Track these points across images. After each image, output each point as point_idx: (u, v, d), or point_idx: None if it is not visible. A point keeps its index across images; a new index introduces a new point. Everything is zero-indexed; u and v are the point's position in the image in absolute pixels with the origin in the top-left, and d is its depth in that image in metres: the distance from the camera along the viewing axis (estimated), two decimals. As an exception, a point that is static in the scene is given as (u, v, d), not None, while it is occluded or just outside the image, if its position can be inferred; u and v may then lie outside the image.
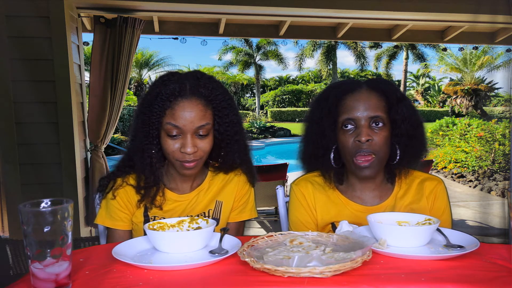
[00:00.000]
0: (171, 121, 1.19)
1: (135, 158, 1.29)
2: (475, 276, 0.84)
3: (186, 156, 1.22)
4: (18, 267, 2.17)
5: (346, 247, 0.94)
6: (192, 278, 0.84)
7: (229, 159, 1.33)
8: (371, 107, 1.22)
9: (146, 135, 1.24)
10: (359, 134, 1.21)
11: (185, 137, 1.20)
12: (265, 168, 4.47)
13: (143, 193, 1.29)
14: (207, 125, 1.22)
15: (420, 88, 36.57)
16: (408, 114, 1.26)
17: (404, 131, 1.25)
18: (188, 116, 1.19)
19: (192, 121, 1.20)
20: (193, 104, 1.20)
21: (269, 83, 39.46)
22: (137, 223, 1.31)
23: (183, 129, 1.20)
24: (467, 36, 5.00)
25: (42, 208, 0.79)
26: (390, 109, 1.25)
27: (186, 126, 1.19)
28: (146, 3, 3.43)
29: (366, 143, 1.21)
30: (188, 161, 1.23)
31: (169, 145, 1.22)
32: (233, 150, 1.31)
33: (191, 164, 1.24)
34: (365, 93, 1.25)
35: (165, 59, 27.24)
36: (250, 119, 24.44)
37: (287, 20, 4.20)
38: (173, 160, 1.25)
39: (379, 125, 1.22)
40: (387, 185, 1.34)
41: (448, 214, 1.33)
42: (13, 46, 2.90)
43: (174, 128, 1.20)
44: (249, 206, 1.43)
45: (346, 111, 1.24)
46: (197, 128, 1.21)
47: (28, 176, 3.00)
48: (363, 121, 1.22)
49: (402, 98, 1.27)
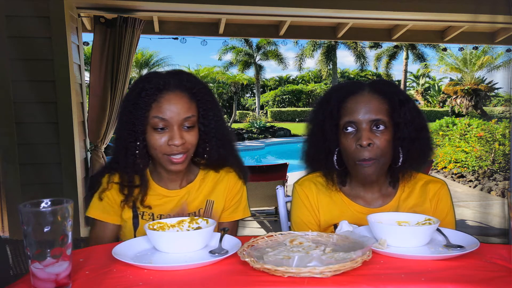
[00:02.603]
0: (158, 114, 1.21)
1: (119, 157, 1.29)
2: (475, 276, 0.83)
3: (174, 149, 1.22)
4: (18, 267, 2.17)
5: (346, 247, 0.94)
6: (192, 278, 0.84)
7: (214, 154, 1.33)
8: (373, 110, 1.21)
9: (130, 133, 1.24)
10: (360, 138, 1.20)
11: (172, 129, 1.21)
12: (265, 168, 4.46)
13: (126, 193, 1.29)
14: (192, 117, 1.24)
15: (420, 88, 36.57)
16: (411, 117, 1.24)
17: (407, 134, 1.23)
18: (174, 108, 1.21)
19: (178, 113, 1.21)
20: (178, 96, 1.23)
21: (269, 83, 39.47)
22: (126, 219, 1.31)
23: (169, 122, 1.21)
24: (467, 36, 5.00)
25: (42, 208, 0.79)
26: (392, 112, 1.23)
27: (173, 118, 1.21)
28: (146, 3, 3.43)
29: (368, 147, 1.20)
30: (176, 155, 1.23)
31: (156, 140, 1.22)
32: (217, 144, 1.32)
33: (179, 159, 1.24)
34: (366, 95, 1.24)
35: (165, 59, 27.35)
36: (250, 119, 24.46)
37: (287, 20, 4.21)
38: (160, 155, 1.24)
39: (380, 128, 1.21)
40: (391, 187, 1.34)
41: (452, 216, 1.32)
42: (13, 46, 2.90)
43: (161, 121, 1.21)
44: (242, 205, 1.42)
45: (347, 114, 1.24)
46: (183, 119, 1.22)
47: (28, 176, 3.00)
48: (364, 124, 1.21)
49: (405, 101, 1.25)
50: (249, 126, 20.74)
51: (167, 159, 1.24)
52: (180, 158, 1.24)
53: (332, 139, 1.28)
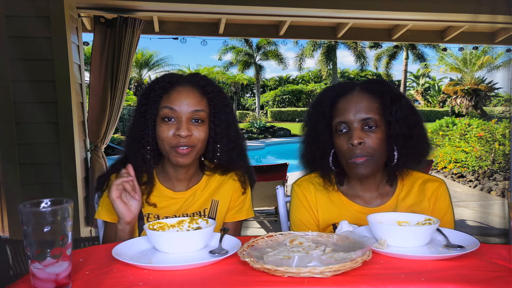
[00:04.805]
0: (167, 104, 1.24)
1: (129, 153, 1.29)
2: (475, 276, 0.83)
3: (180, 140, 1.22)
4: (18, 267, 2.17)
5: (346, 247, 0.94)
6: (192, 278, 0.84)
7: (224, 156, 1.32)
8: (363, 109, 1.22)
9: (142, 128, 1.26)
10: (351, 137, 1.21)
11: (180, 121, 1.23)
12: (265, 168, 4.46)
13: None
14: (202, 112, 1.26)
15: (420, 88, 36.57)
16: (404, 115, 1.24)
17: (399, 132, 1.23)
18: (184, 99, 1.24)
19: (187, 104, 1.23)
20: (189, 90, 1.26)
21: (269, 83, 39.48)
22: None
23: (178, 113, 1.23)
24: (467, 36, 5.00)
25: (42, 208, 0.79)
26: (384, 110, 1.23)
27: (182, 109, 1.23)
28: (146, 3, 3.43)
29: (359, 146, 1.20)
30: (182, 147, 1.23)
31: (163, 131, 1.24)
32: (228, 146, 1.31)
33: (185, 150, 1.23)
34: (357, 95, 1.25)
35: (165, 59, 27.32)
36: (250, 119, 24.46)
37: (287, 20, 4.21)
38: (167, 148, 1.25)
39: (371, 127, 1.21)
40: (388, 186, 1.34)
41: (451, 215, 1.32)
42: (13, 46, 2.90)
43: (170, 111, 1.23)
44: (246, 206, 1.42)
45: (339, 115, 1.24)
46: (192, 112, 1.24)
47: (28, 176, 3.01)
48: (355, 124, 1.22)
49: (397, 99, 1.25)
50: (249, 126, 20.75)
51: (173, 152, 1.24)
52: (187, 150, 1.24)
53: (326, 140, 1.28)
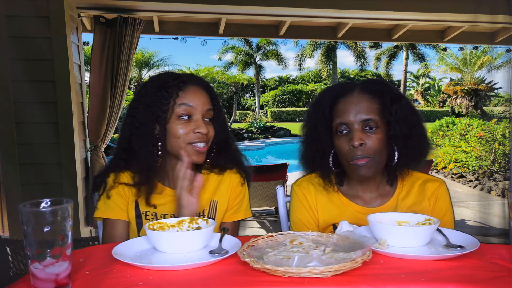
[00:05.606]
0: (185, 101, 1.26)
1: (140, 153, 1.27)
2: (475, 276, 0.83)
3: (199, 137, 1.26)
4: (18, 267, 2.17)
5: (346, 247, 0.94)
6: (192, 278, 0.84)
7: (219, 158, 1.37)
8: (363, 110, 1.21)
9: (153, 126, 1.25)
10: (352, 139, 1.20)
11: (198, 118, 1.27)
12: (265, 168, 4.46)
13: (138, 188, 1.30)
14: (211, 111, 1.31)
15: (420, 88, 36.58)
16: (404, 115, 1.23)
17: (399, 132, 1.23)
18: (200, 97, 1.28)
19: (203, 103, 1.28)
20: (200, 89, 1.31)
21: (269, 83, 39.48)
22: (130, 219, 1.32)
23: (195, 109, 1.26)
24: (467, 36, 5.00)
25: (42, 208, 0.79)
26: (384, 110, 1.23)
27: (199, 107, 1.27)
28: (146, 3, 3.43)
29: (360, 147, 1.20)
30: (200, 143, 1.27)
31: (180, 128, 1.25)
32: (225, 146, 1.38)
33: (203, 148, 1.28)
34: (357, 96, 1.24)
35: (165, 59, 27.31)
36: (250, 119, 24.48)
37: (287, 20, 4.20)
38: (183, 145, 1.25)
39: (372, 128, 1.21)
40: (388, 186, 1.33)
41: (451, 215, 1.32)
42: (13, 46, 2.90)
43: (188, 108, 1.25)
44: (244, 206, 1.42)
45: (339, 116, 1.24)
46: (206, 110, 1.29)
47: (28, 176, 3.00)
48: (355, 125, 1.21)
49: (396, 99, 1.25)
50: (249, 126, 20.75)
51: (191, 149, 1.26)
52: (204, 147, 1.28)
53: (326, 141, 1.28)
